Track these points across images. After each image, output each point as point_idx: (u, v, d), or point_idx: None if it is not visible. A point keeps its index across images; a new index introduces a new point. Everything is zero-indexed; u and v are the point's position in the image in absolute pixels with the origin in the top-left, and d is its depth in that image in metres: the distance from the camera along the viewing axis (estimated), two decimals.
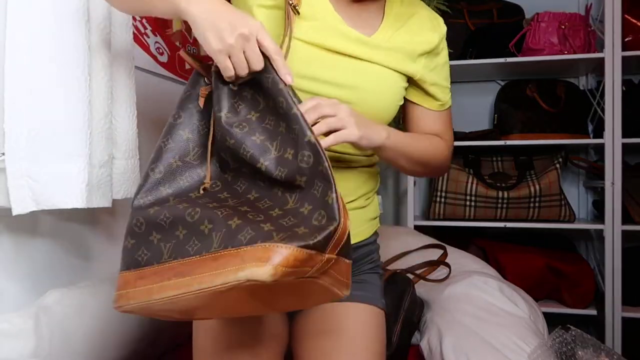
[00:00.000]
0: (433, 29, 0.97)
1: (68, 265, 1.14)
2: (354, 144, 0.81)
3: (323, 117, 0.76)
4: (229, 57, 0.70)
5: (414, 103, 1.00)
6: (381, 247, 1.07)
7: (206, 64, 0.78)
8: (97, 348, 1.00)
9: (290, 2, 0.82)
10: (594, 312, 1.91)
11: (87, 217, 1.21)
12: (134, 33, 1.19)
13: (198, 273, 0.63)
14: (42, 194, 0.91)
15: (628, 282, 1.87)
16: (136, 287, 0.66)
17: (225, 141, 0.71)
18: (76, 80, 0.95)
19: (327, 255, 0.63)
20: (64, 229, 1.13)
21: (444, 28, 1.00)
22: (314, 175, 0.67)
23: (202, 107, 0.76)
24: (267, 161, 0.70)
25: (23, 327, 0.90)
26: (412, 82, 0.97)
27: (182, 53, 0.79)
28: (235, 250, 0.62)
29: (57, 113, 0.93)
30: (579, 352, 1.06)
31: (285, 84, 0.72)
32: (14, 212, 0.89)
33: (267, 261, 0.59)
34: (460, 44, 2.07)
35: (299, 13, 0.83)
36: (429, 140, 0.98)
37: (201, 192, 0.73)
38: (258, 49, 0.70)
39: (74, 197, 0.94)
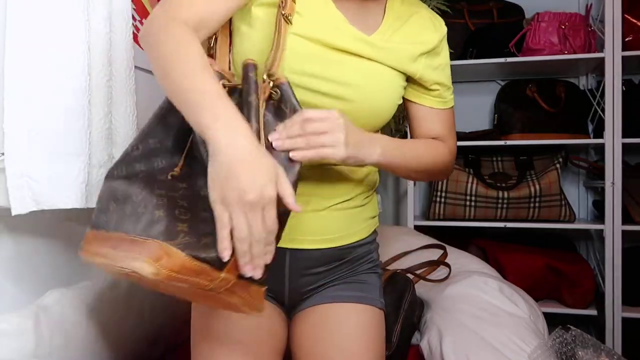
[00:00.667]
0: (434, 29, 0.97)
1: (68, 265, 1.14)
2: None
3: (314, 133, 0.75)
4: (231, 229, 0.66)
5: (417, 103, 0.99)
6: (381, 247, 1.07)
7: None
8: (97, 348, 1.00)
9: (283, 12, 0.80)
10: (594, 312, 1.91)
11: (87, 217, 1.20)
12: (134, 33, 1.19)
13: (121, 250, 0.65)
14: (42, 194, 0.91)
15: (628, 282, 1.87)
16: (91, 244, 0.70)
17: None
18: (76, 80, 0.95)
19: (223, 275, 0.66)
20: (64, 229, 1.13)
21: (445, 28, 1.00)
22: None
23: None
24: None
25: (23, 327, 0.90)
26: (413, 81, 0.97)
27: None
28: (143, 239, 0.64)
29: (57, 113, 0.93)
30: (579, 352, 1.06)
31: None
32: (14, 212, 0.89)
33: (158, 260, 0.62)
34: (460, 44, 2.07)
35: (291, 23, 0.82)
36: (429, 146, 0.97)
37: (169, 177, 0.73)
38: (260, 221, 0.65)
39: (74, 197, 0.94)
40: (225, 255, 0.65)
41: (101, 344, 1.02)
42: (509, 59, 1.96)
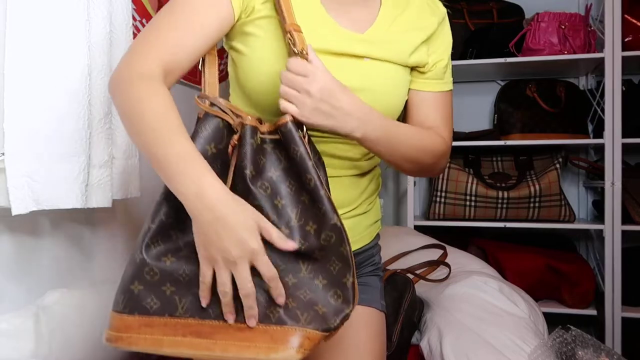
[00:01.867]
0: (431, 13, 0.93)
1: (68, 265, 1.14)
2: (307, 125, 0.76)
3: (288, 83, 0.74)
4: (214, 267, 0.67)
5: (414, 89, 0.94)
6: (381, 247, 1.07)
7: (236, 113, 0.75)
8: (97, 348, 1.00)
9: (296, 49, 0.75)
10: (594, 312, 1.91)
11: (87, 217, 1.21)
12: (134, 33, 1.19)
13: (220, 339, 0.66)
14: (42, 194, 0.91)
15: (628, 282, 1.87)
16: (140, 333, 0.68)
17: (247, 200, 0.70)
18: (76, 80, 0.95)
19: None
20: (64, 229, 1.13)
21: (444, 10, 0.95)
22: (332, 252, 0.70)
23: (230, 156, 0.73)
24: (288, 229, 0.70)
25: (23, 327, 0.90)
26: (413, 68, 0.93)
27: (207, 108, 0.75)
28: (264, 327, 0.67)
29: (57, 113, 0.93)
30: (579, 352, 1.06)
31: (311, 159, 0.71)
32: (14, 212, 0.89)
33: (299, 345, 0.66)
34: (460, 44, 2.07)
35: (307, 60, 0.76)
36: (422, 132, 0.91)
37: None
38: (246, 274, 0.66)
39: (74, 197, 0.94)
40: (204, 304, 0.68)
41: (101, 344, 1.02)
42: (509, 59, 1.96)
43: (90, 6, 0.99)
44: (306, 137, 0.74)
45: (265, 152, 0.73)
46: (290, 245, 0.68)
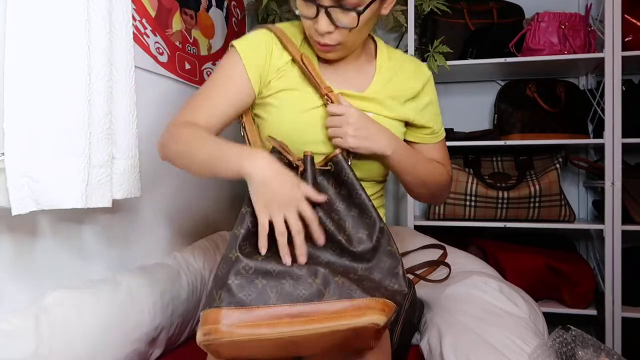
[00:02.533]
0: (417, 79, 1.13)
1: (68, 265, 1.14)
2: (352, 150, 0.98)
3: (332, 125, 0.97)
4: (271, 217, 0.82)
5: (413, 142, 1.16)
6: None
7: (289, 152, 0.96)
8: (97, 348, 1.00)
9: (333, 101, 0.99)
10: (594, 312, 1.91)
11: (87, 217, 1.21)
12: (134, 33, 1.19)
13: (314, 315, 0.76)
14: (42, 194, 0.92)
15: (628, 282, 1.87)
16: (240, 323, 0.75)
17: None
18: (76, 80, 0.95)
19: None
20: (64, 229, 1.13)
21: (428, 73, 1.16)
22: (382, 253, 0.87)
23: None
24: (346, 236, 0.88)
25: (23, 327, 0.90)
26: (407, 124, 1.12)
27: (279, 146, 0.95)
28: (349, 301, 0.78)
29: (57, 113, 0.93)
30: (579, 352, 1.05)
31: (358, 180, 0.92)
32: (14, 212, 0.89)
33: (381, 309, 0.78)
34: (460, 44, 2.07)
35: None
36: (431, 162, 1.13)
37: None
38: (296, 216, 0.83)
39: (73, 197, 0.94)
40: (263, 251, 0.82)
41: (101, 344, 1.02)
42: (509, 59, 1.96)
43: (90, 6, 0.99)
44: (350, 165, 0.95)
45: (321, 179, 0.93)
46: (321, 198, 0.87)
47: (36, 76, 0.91)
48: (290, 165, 0.93)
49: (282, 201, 0.81)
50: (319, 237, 0.85)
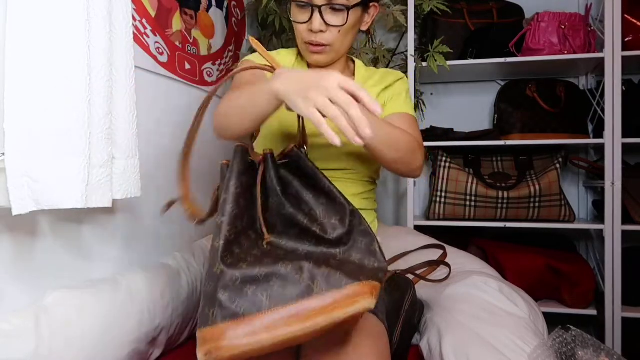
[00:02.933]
0: (391, 75, 1.26)
1: (68, 265, 1.14)
2: None
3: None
4: (320, 110, 0.77)
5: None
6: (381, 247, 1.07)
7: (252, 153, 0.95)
8: (97, 348, 1.00)
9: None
10: (594, 312, 1.91)
11: (87, 217, 1.21)
12: (134, 33, 1.19)
13: (309, 313, 0.76)
14: (42, 194, 0.91)
15: (628, 282, 1.87)
16: (238, 335, 0.74)
17: (282, 209, 0.89)
18: (76, 80, 0.95)
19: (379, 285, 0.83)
20: (64, 229, 1.13)
21: (400, 74, 1.28)
22: (356, 233, 0.87)
23: (258, 183, 0.89)
24: (319, 226, 0.87)
25: (23, 327, 0.90)
26: None
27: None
28: (338, 291, 0.77)
29: (57, 113, 0.93)
30: (579, 352, 1.06)
31: (319, 169, 0.91)
32: (14, 212, 0.89)
33: (370, 293, 0.78)
34: (460, 44, 2.07)
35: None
36: (396, 127, 1.09)
37: (266, 246, 0.85)
38: (341, 92, 0.77)
39: (73, 197, 0.94)
40: (337, 141, 0.75)
41: (101, 344, 1.02)
42: (509, 59, 1.96)
43: (90, 6, 0.99)
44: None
45: (283, 172, 0.92)
46: (378, 110, 0.81)
47: (36, 76, 0.91)
48: (253, 165, 0.92)
49: (322, 85, 0.78)
50: (376, 109, 0.77)
